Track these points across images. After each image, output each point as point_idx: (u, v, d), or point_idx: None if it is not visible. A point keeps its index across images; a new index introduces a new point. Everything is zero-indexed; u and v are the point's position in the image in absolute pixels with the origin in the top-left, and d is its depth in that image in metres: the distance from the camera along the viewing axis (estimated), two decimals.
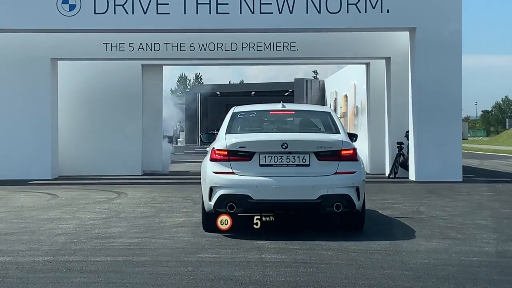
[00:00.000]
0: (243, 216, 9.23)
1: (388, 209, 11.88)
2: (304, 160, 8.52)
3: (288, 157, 8.52)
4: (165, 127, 26.21)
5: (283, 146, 8.49)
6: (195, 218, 10.76)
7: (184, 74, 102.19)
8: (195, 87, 52.44)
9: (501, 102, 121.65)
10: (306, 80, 37.79)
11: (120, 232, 9.40)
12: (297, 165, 8.52)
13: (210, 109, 48.64)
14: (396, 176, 19.51)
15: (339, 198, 8.42)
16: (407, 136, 19.34)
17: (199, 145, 45.17)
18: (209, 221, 8.92)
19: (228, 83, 62.16)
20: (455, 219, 10.64)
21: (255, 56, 20.18)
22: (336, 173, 8.52)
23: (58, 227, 9.90)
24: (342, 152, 8.61)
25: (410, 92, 18.63)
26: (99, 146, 20.96)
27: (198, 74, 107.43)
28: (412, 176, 18.37)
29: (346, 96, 29.97)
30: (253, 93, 45.35)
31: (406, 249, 7.97)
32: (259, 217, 9.04)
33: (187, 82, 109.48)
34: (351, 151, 8.70)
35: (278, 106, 9.84)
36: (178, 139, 47.02)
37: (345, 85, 30.00)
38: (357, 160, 8.81)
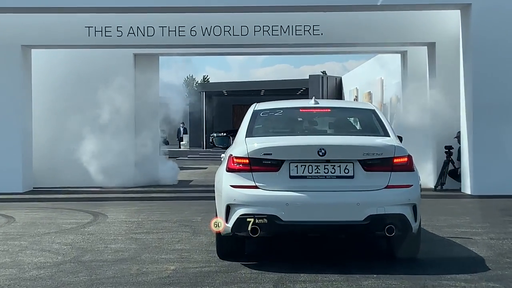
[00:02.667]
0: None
1: (470, 244, 8.28)
2: (346, 171, 6.90)
3: (326, 167, 6.91)
4: None
5: (320, 153, 6.87)
6: (193, 264, 7.20)
7: (192, 76, 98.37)
8: (199, 85, 48.69)
9: None
10: (322, 77, 34.27)
11: None
12: (337, 177, 6.90)
13: (216, 109, 45.08)
14: (444, 187, 15.93)
15: (392, 219, 6.74)
16: (458, 138, 15.80)
17: (204, 149, 41.74)
18: (225, 246, 7.35)
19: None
20: None
21: (270, 42, 16.55)
22: (387, 187, 6.88)
23: None
24: (395, 160, 6.93)
25: (462, 86, 15.13)
26: (83, 152, 17.34)
27: (206, 77, 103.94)
28: (466, 188, 14.83)
29: (369, 93, 26.58)
30: (262, 92, 41.78)
31: None
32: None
33: (194, 84, 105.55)
34: (406, 159, 7.00)
35: (310, 102, 8.19)
36: (182, 142, 43.50)
37: (369, 81, 26.60)
38: (414, 170, 7.06)
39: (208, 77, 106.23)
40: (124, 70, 18.01)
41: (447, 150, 15.92)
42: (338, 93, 33.84)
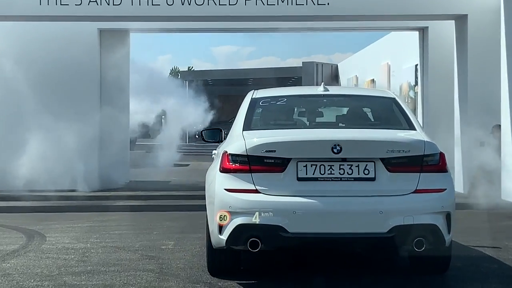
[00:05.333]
0: None
1: None
2: (366, 172, 5.84)
3: (342, 167, 5.86)
4: None
5: (335, 150, 5.81)
6: None
7: (176, 67, 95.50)
8: (182, 74, 45.38)
9: None
10: (317, 64, 31.28)
11: None
12: (356, 180, 5.84)
13: (200, 100, 41.88)
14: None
15: (422, 231, 5.68)
16: (494, 133, 12.87)
17: (187, 142, 38.68)
18: (217, 261, 6.22)
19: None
20: None
21: (264, 14, 13.39)
22: (416, 191, 5.82)
23: None
24: (425, 159, 5.88)
25: (504, 68, 12.23)
26: (33, 149, 14.14)
27: (190, 67, 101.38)
28: (508, 195, 11.88)
29: (373, 81, 23.65)
30: (250, 82, 38.71)
31: None
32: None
33: (179, 76, 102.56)
34: (438, 157, 5.93)
35: (319, 89, 7.11)
36: None
37: (372, 67, 23.67)
38: (447, 171, 5.99)
39: (192, 68, 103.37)
40: (87, 50, 14.88)
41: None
42: (334, 82, 30.91)
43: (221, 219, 5.80)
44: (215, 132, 7.28)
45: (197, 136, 38.50)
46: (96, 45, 15.16)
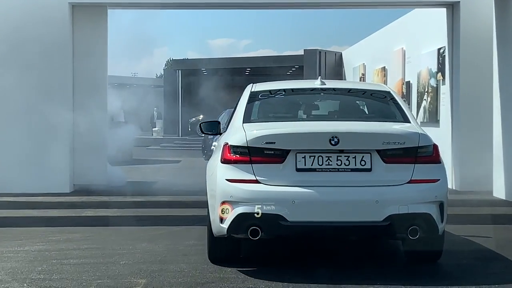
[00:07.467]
0: None
1: None
2: (363, 163, 6.17)
3: (339, 158, 6.18)
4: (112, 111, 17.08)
5: (333, 142, 6.13)
6: None
7: (172, 59, 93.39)
8: (175, 62, 42.72)
9: None
10: (320, 52, 28.98)
11: None
12: (352, 170, 6.18)
13: (193, 91, 39.66)
14: None
15: (417, 220, 6.04)
16: None
17: (180, 136, 36.50)
18: (218, 248, 6.57)
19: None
20: None
21: None
22: (410, 181, 6.16)
23: None
24: (420, 151, 6.23)
25: None
26: None
27: (186, 59, 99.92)
28: None
29: (384, 69, 21.36)
30: (248, 71, 36.46)
31: None
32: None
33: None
34: (432, 149, 6.28)
35: (316, 82, 7.37)
36: (154, 129, 38.25)
37: (382, 54, 21.41)
38: (440, 162, 6.33)
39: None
40: (57, 29, 12.64)
41: None
42: (338, 71, 28.68)
43: (223, 211, 6.03)
44: (213, 125, 7.49)
45: (189, 129, 36.43)
46: (68, 23, 12.89)
